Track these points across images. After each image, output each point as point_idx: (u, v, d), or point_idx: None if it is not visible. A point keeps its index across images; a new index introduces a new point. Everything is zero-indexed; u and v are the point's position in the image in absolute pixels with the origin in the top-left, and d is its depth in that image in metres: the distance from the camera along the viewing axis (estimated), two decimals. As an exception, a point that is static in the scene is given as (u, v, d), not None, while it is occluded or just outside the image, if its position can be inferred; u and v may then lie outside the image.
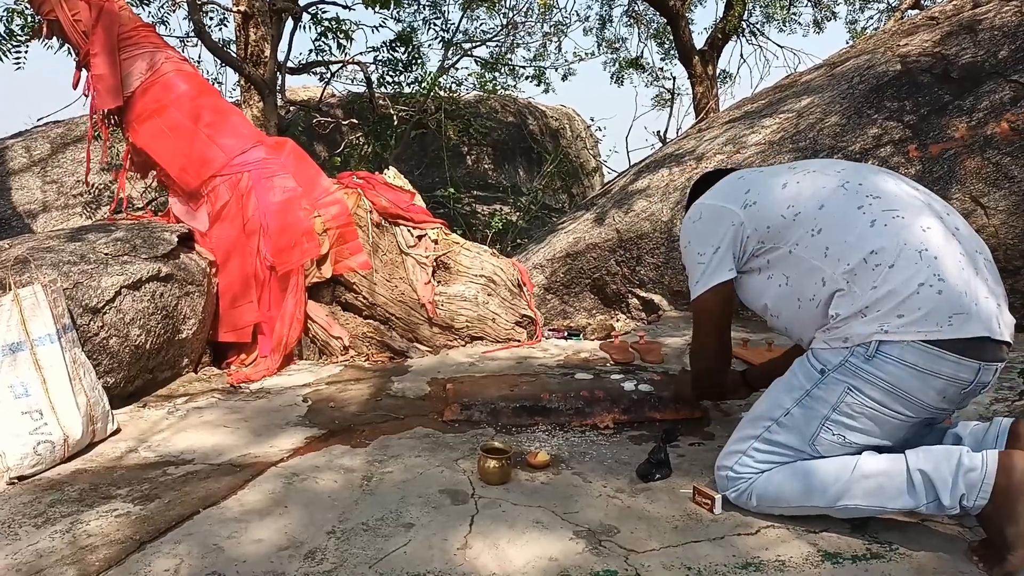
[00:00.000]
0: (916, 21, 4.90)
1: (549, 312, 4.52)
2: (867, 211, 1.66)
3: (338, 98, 10.01)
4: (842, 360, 1.61)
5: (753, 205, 1.82)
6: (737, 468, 1.75)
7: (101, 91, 3.28)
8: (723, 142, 4.62)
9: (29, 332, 2.14)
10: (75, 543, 1.66)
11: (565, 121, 12.61)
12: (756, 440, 1.73)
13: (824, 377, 1.64)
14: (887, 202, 1.67)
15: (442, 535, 1.69)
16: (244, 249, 3.25)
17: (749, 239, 1.82)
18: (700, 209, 1.93)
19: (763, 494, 1.71)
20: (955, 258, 1.58)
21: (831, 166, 1.85)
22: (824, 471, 1.64)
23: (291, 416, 2.57)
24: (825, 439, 1.65)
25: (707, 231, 1.87)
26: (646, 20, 12.80)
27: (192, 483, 1.98)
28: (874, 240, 1.61)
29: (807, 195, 1.76)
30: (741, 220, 1.82)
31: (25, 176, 7.00)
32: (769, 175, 1.90)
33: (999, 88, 3.73)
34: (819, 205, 1.72)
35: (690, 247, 1.92)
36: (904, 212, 1.65)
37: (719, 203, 1.89)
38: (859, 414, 1.61)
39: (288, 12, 6.80)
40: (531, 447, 2.23)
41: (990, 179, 3.49)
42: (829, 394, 1.63)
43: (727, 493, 1.77)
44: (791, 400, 1.69)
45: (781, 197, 1.79)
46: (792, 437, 1.68)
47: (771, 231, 1.77)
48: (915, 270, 1.56)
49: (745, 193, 1.86)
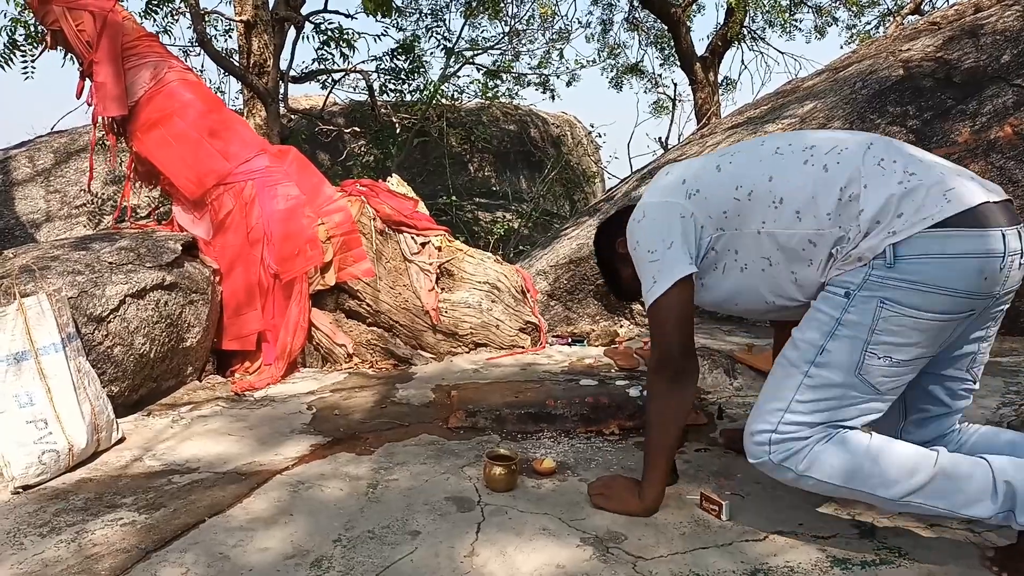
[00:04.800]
0: (918, 26, 4.90)
1: (553, 318, 4.51)
2: (812, 162, 1.62)
3: (340, 106, 10.04)
4: (864, 277, 1.51)
5: (697, 194, 1.72)
6: (783, 428, 1.58)
7: (105, 100, 3.29)
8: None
9: (34, 341, 2.14)
10: (81, 552, 1.65)
11: (566, 128, 12.63)
12: (797, 392, 1.58)
13: (851, 300, 1.53)
14: (824, 146, 1.64)
15: (449, 543, 1.68)
16: (248, 257, 3.25)
17: (704, 229, 1.71)
18: (643, 208, 1.80)
19: (818, 464, 1.55)
20: (911, 155, 1.58)
21: (752, 142, 1.79)
22: (900, 461, 1.52)
23: (296, 424, 2.56)
24: (872, 365, 1.52)
25: (655, 228, 1.74)
26: (646, 27, 12.85)
27: (197, 491, 1.98)
28: (835, 180, 1.57)
29: (749, 172, 1.68)
30: (690, 211, 1.71)
31: (29, 186, 7.03)
32: (696, 164, 1.82)
33: (1002, 92, 3.73)
34: (767, 177, 1.65)
35: (639, 248, 1.77)
36: (843, 145, 1.62)
37: (660, 199, 1.77)
38: (900, 327, 1.49)
39: (291, 21, 6.83)
40: (537, 454, 2.23)
41: (994, 183, 3.49)
42: (862, 315, 1.52)
43: (771, 457, 1.59)
44: (822, 335, 1.56)
45: (723, 180, 1.71)
46: (835, 374, 1.55)
47: (728, 216, 1.68)
48: (886, 177, 1.53)
49: (683, 184, 1.76)
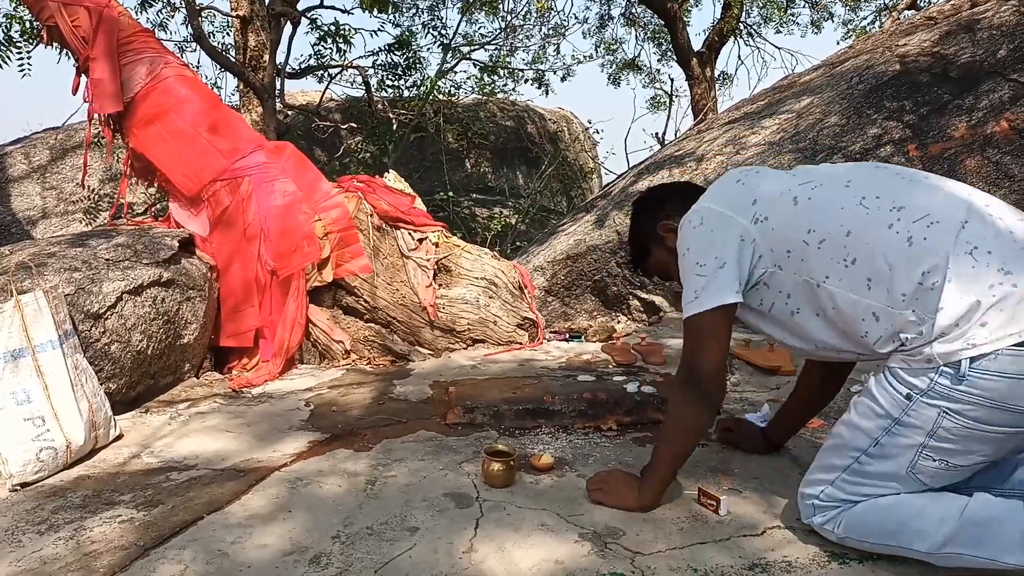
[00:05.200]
0: (914, 21, 4.91)
1: (550, 314, 4.51)
2: (898, 227, 1.49)
3: (337, 102, 10.03)
4: (930, 384, 1.43)
5: (764, 221, 1.63)
6: (823, 498, 1.60)
7: (101, 96, 3.27)
8: (723, 143, 4.62)
9: (31, 338, 2.13)
10: (79, 549, 1.65)
11: (563, 124, 12.63)
12: (844, 472, 1.57)
13: (912, 403, 1.46)
14: (913, 210, 1.51)
15: (447, 539, 1.68)
16: (245, 254, 3.25)
17: (762, 259, 1.63)
18: (702, 214, 1.71)
19: (854, 525, 1.56)
20: (1008, 242, 1.43)
21: (837, 177, 1.66)
22: (928, 513, 1.48)
23: (294, 420, 2.56)
24: (927, 467, 1.48)
25: (710, 240, 1.66)
26: (643, 22, 12.84)
27: (196, 488, 1.98)
28: (919, 259, 1.45)
29: (827, 217, 1.57)
30: (753, 237, 1.63)
31: (24, 183, 7.01)
32: (773, 184, 1.70)
33: (998, 87, 3.74)
34: (845, 231, 1.54)
35: (688, 255, 1.69)
36: (934, 214, 1.49)
37: (724, 211, 1.67)
38: (961, 437, 1.44)
39: (287, 17, 6.81)
40: (535, 450, 2.23)
41: (990, 178, 3.50)
42: (922, 420, 1.45)
43: (813, 519, 1.62)
44: (878, 428, 1.52)
45: (796, 217, 1.61)
46: (887, 466, 1.52)
47: (791, 257, 1.60)
48: (976, 273, 1.41)
49: (752, 204, 1.66)
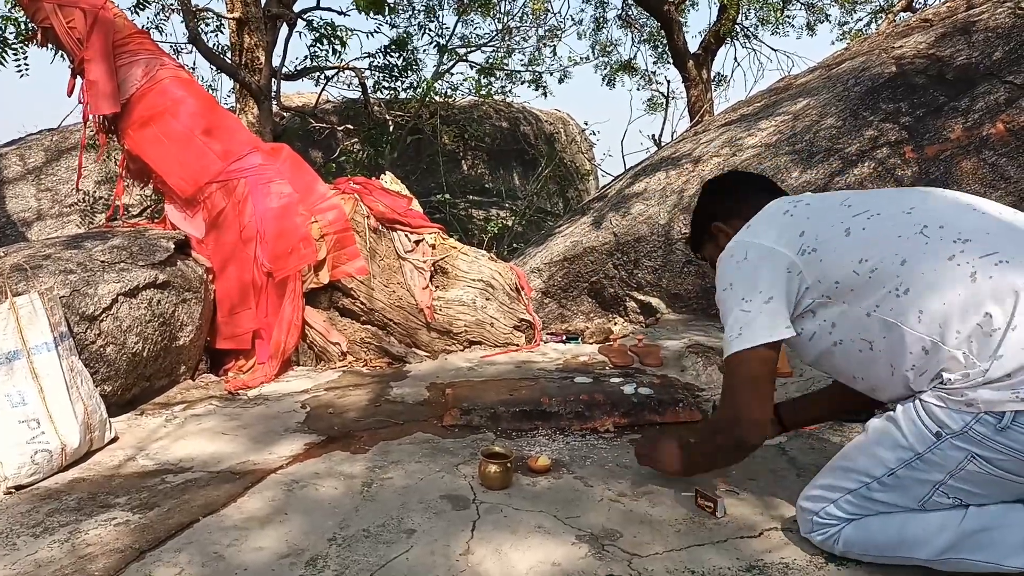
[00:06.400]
0: (910, 23, 4.92)
1: (547, 316, 4.51)
2: (960, 261, 1.41)
3: (333, 104, 10.02)
4: (965, 426, 1.36)
5: (812, 253, 1.56)
6: (823, 515, 1.57)
7: (96, 98, 3.27)
8: (719, 145, 4.63)
9: (26, 340, 2.13)
10: (74, 552, 1.64)
11: (559, 125, 12.65)
12: (850, 494, 1.53)
13: (940, 441, 1.40)
14: (980, 244, 1.42)
15: (444, 541, 1.68)
16: (241, 255, 3.24)
17: (808, 291, 1.57)
18: (745, 248, 1.64)
19: (853, 541, 1.54)
20: None
21: (895, 202, 1.58)
22: (928, 522, 1.47)
23: (290, 423, 2.55)
24: (939, 502, 1.45)
25: (755, 276, 1.60)
26: (639, 24, 12.85)
27: (191, 491, 1.97)
28: (984, 299, 1.36)
29: (881, 246, 1.50)
30: (800, 269, 1.57)
31: (20, 185, 6.99)
32: (823, 214, 1.63)
33: (994, 89, 3.75)
34: (900, 260, 1.47)
35: (731, 291, 1.63)
36: (1003, 251, 1.40)
37: (769, 244, 1.61)
38: (983, 482, 1.40)
39: (283, 18, 6.81)
40: (532, 451, 2.22)
41: (986, 180, 3.50)
42: (946, 460, 1.40)
43: (812, 535, 1.60)
44: (896, 460, 1.46)
45: (848, 248, 1.53)
46: (896, 497, 1.48)
47: (839, 288, 1.53)
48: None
49: (800, 236, 1.59)
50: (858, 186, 3.81)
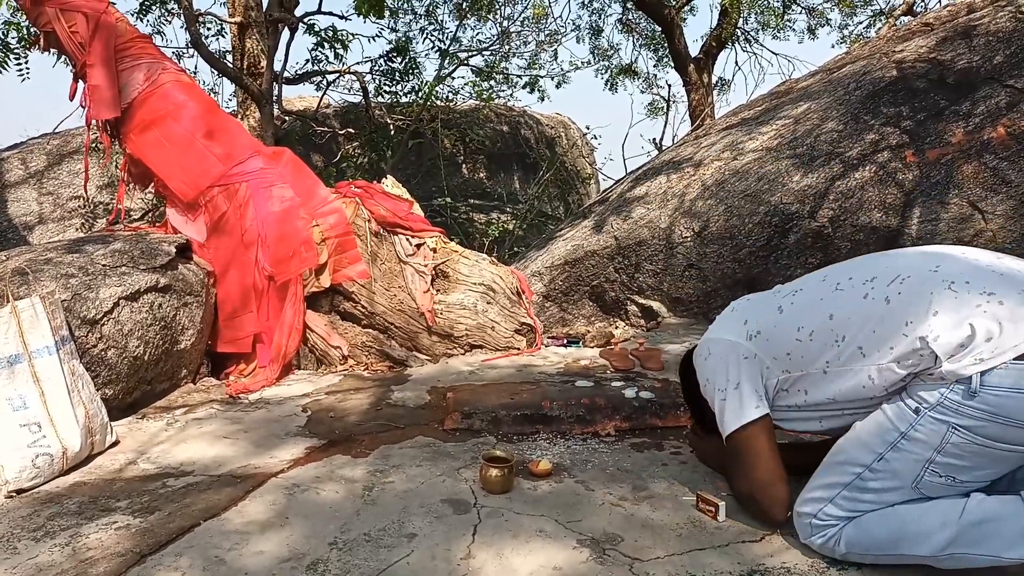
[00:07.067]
0: (911, 27, 4.92)
1: (548, 320, 4.51)
2: (873, 295, 1.59)
3: (334, 108, 10.03)
4: (940, 398, 1.45)
5: (758, 335, 1.76)
6: (821, 516, 1.59)
7: (98, 102, 3.27)
8: (720, 148, 4.63)
9: (27, 344, 2.13)
10: (75, 556, 1.64)
11: (561, 129, 12.66)
12: (844, 488, 1.57)
13: (920, 417, 1.47)
14: (884, 275, 1.61)
15: (445, 545, 1.68)
16: (242, 259, 3.24)
17: (769, 369, 1.73)
18: (707, 346, 1.87)
19: (854, 541, 1.56)
20: (985, 272, 1.50)
21: (814, 277, 1.81)
22: (926, 517, 1.49)
23: (291, 426, 2.55)
24: (932, 482, 1.49)
25: (720, 366, 1.80)
26: (639, 29, 12.87)
27: (192, 495, 1.97)
28: (901, 313, 1.52)
29: (811, 312, 1.69)
30: (754, 352, 1.75)
31: (21, 188, 7.00)
32: (759, 303, 1.87)
33: (995, 93, 3.75)
34: (827, 315, 1.64)
35: (709, 385, 1.84)
36: (903, 272, 1.58)
37: (722, 336, 1.83)
38: (969, 453, 1.44)
39: (284, 23, 6.82)
40: (533, 455, 2.22)
41: (987, 184, 3.51)
42: (930, 435, 1.46)
43: (812, 540, 1.61)
44: (883, 443, 1.52)
45: (784, 322, 1.73)
46: (890, 482, 1.52)
47: (792, 358, 1.69)
48: (960, 301, 1.46)
49: (744, 324, 1.80)
50: (859, 190, 3.82)
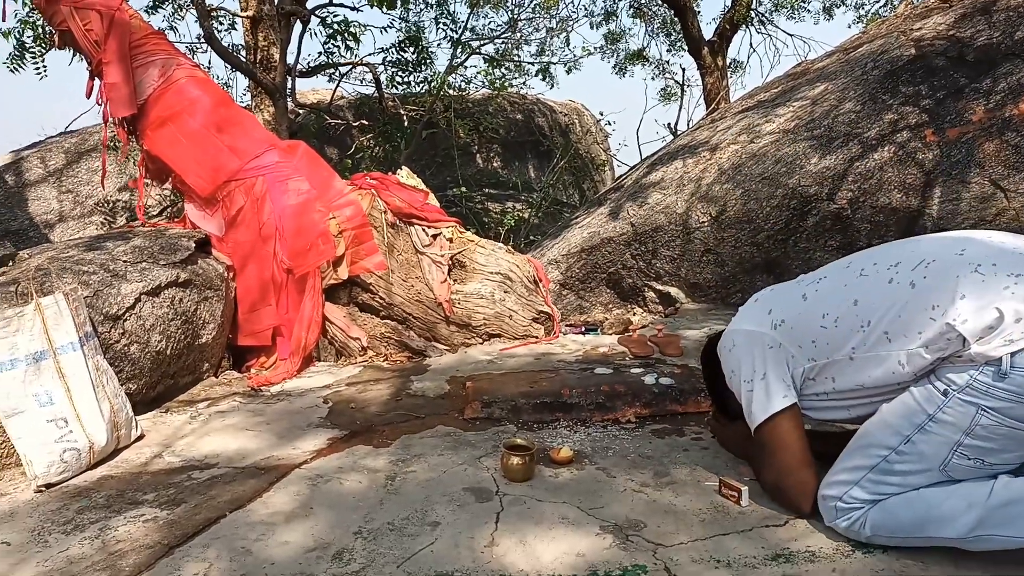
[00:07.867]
0: (929, 4, 4.84)
1: (566, 308, 4.51)
2: (898, 279, 1.57)
3: (348, 100, 10.04)
4: (969, 380, 1.43)
5: (783, 324, 1.74)
6: (846, 499, 1.58)
7: (115, 99, 3.30)
8: (737, 132, 4.59)
9: (52, 341, 2.15)
10: (105, 549, 1.67)
11: (574, 116, 12.59)
12: (870, 471, 1.55)
13: (948, 399, 1.45)
14: (911, 260, 1.58)
15: (468, 533, 1.69)
16: (261, 253, 3.26)
17: (795, 358, 1.71)
18: (731, 337, 1.86)
19: (879, 524, 1.54)
20: (1011, 254, 1.49)
21: (838, 264, 1.79)
22: (952, 499, 1.47)
23: (313, 418, 2.57)
24: (960, 464, 1.47)
25: (745, 357, 1.78)
26: (652, 13, 12.76)
27: (217, 487, 1.99)
28: (927, 298, 1.49)
29: (835, 298, 1.67)
30: (779, 342, 1.73)
31: (41, 187, 7.06)
32: (781, 292, 1.86)
33: (1016, 69, 3.69)
34: (852, 301, 1.62)
35: (734, 377, 1.83)
36: (928, 257, 1.56)
37: (746, 327, 1.82)
38: (998, 436, 1.42)
39: (297, 16, 6.81)
40: (554, 443, 2.23)
41: (1009, 162, 3.45)
42: (959, 417, 1.44)
43: (837, 523, 1.60)
44: (910, 425, 1.50)
45: (808, 310, 1.71)
46: (917, 464, 1.50)
47: (817, 345, 1.67)
48: (987, 284, 1.44)
49: (768, 314, 1.79)
50: (878, 171, 3.77)
